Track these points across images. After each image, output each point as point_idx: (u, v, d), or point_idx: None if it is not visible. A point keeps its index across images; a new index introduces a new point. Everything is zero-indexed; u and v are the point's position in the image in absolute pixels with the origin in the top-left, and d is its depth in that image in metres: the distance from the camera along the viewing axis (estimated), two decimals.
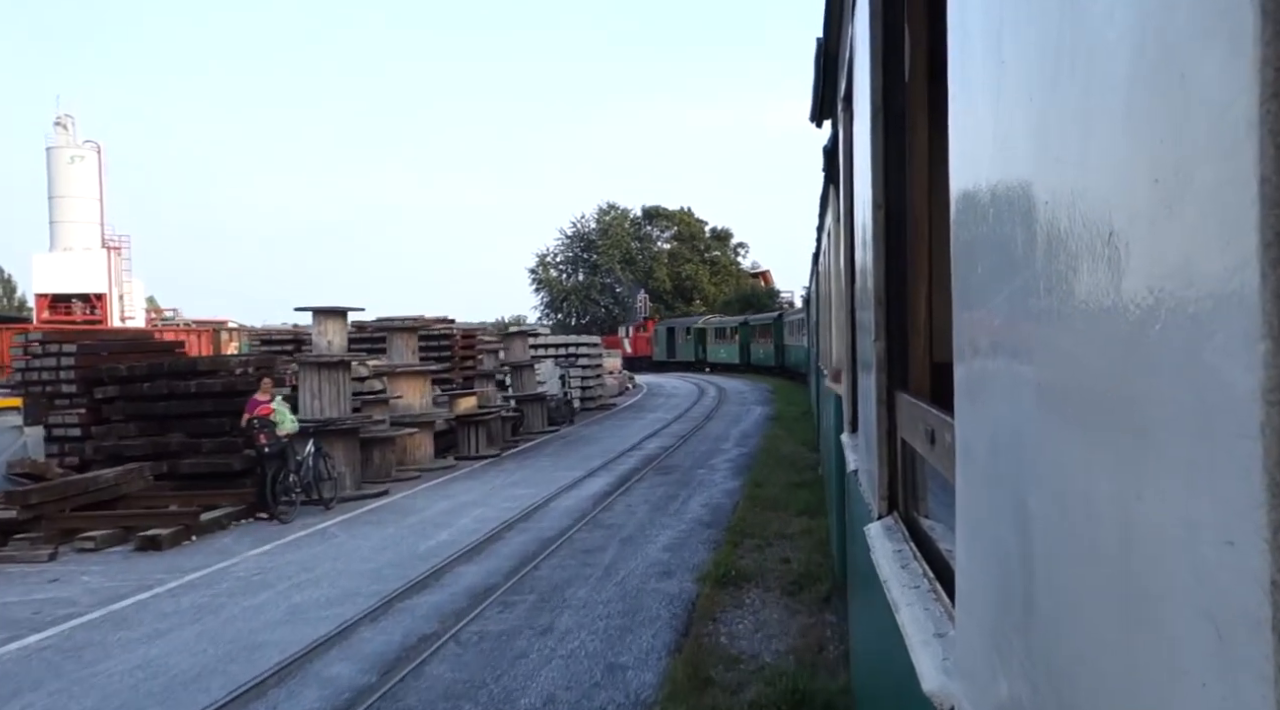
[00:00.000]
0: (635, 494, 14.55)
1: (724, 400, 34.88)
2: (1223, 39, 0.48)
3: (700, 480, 15.86)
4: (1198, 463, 0.52)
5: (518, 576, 9.62)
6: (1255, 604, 0.45)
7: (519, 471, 17.66)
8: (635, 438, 23.00)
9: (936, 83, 1.97)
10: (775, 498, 13.52)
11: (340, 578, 9.79)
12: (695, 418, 27.99)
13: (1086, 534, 0.72)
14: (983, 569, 1.13)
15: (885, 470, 2.57)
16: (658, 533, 11.67)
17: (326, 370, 15.39)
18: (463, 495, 14.93)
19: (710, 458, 18.86)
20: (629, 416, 29.92)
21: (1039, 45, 0.82)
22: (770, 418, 26.95)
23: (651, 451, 20.09)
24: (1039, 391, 0.85)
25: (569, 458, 19.45)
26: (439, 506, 13.90)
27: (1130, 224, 0.61)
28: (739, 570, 9.52)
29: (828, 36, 4.69)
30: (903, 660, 1.74)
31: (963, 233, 1.21)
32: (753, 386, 42.11)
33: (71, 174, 51.43)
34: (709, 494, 14.46)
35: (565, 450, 21.00)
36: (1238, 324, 0.47)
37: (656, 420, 27.76)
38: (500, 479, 16.62)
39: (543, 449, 21.49)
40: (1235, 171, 0.47)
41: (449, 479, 16.87)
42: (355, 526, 12.59)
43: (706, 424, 26.05)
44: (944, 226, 1.33)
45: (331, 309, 16.17)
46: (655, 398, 38.48)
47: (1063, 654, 0.79)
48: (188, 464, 14.19)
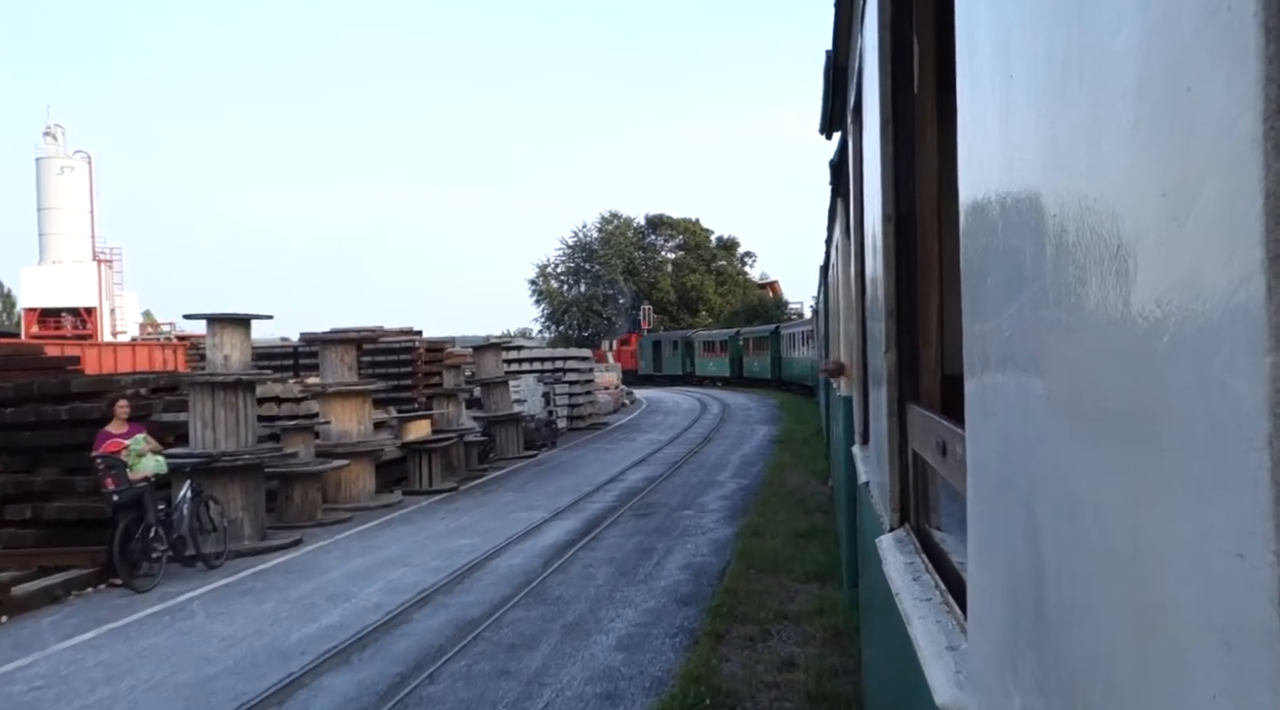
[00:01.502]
0: (601, 547, 11.53)
1: (727, 419, 31.82)
2: (1227, 55, 0.48)
3: (685, 526, 12.68)
4: (1206, 475, 0.52)
5: (398, 698, 6.68)
6: (1265, 616, 0.45)
7: (472, 511, 14.53)
8: (620, 465, 19.87)
9: (946, 94, 1.98)
10: (777, 554, 10.55)
11: (147, 698, 6.84)
12: (692, 440, 24.86)
13: (1097, 546, 0.72)
14: (994, 581, 1.13)
15: (897, 482, 2.57)
16: (616, 614, 8.54)
17: (222, 393, 12.19)
18: (389, 547, 11.93)
19: (702, 492, 15.70)
20: (619, 438, 26.59)
21: (1047, 58, 0.82)
22: (776, 439, 23.92)
23: (634, 484, 16.91)
24: (1049, 403, 0.85)
25: (537, 492, 16.27)
26: (352, 565, 10.91)
27: (1138, 237, 0.61)
28: (720, 689, 6.56)
29: (836, 49, 4.71)
30: (915, 673, 1.73)
31: (972, 244, 1.22)
32: (759, 403, 39.04)
33: (61, 185, 51.09)
34: (693, 547, 11.36)
35: (536, 482, 17.79)
36: (1244, 337, 0.47)
37: (649, 443, 24.56)
38: (445, 523, 13.53)
39: (510, 480, 18.23)
40: (1241, 186, 0.47)
41: (384, 522, 13.80)
42: (228, 598, 9.60)
43: (704, 448, 22.91)
44: (954, 238, 1.33)
45: (229, 316, 12.94)
46: (653, 415, 35.30)
47: (1075, 666, 0.79)
48: (54, 508, 11.20)
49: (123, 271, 53.65)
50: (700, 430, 27.70)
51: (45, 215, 51.39)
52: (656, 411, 36.91)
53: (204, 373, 12.81)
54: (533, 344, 35.79)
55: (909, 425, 2.45)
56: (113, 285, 51.98)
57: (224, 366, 12.47)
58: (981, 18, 1.14)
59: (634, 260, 77.04)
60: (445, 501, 15.73)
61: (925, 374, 2.44)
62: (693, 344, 58.86)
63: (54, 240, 51.17)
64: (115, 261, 53.00)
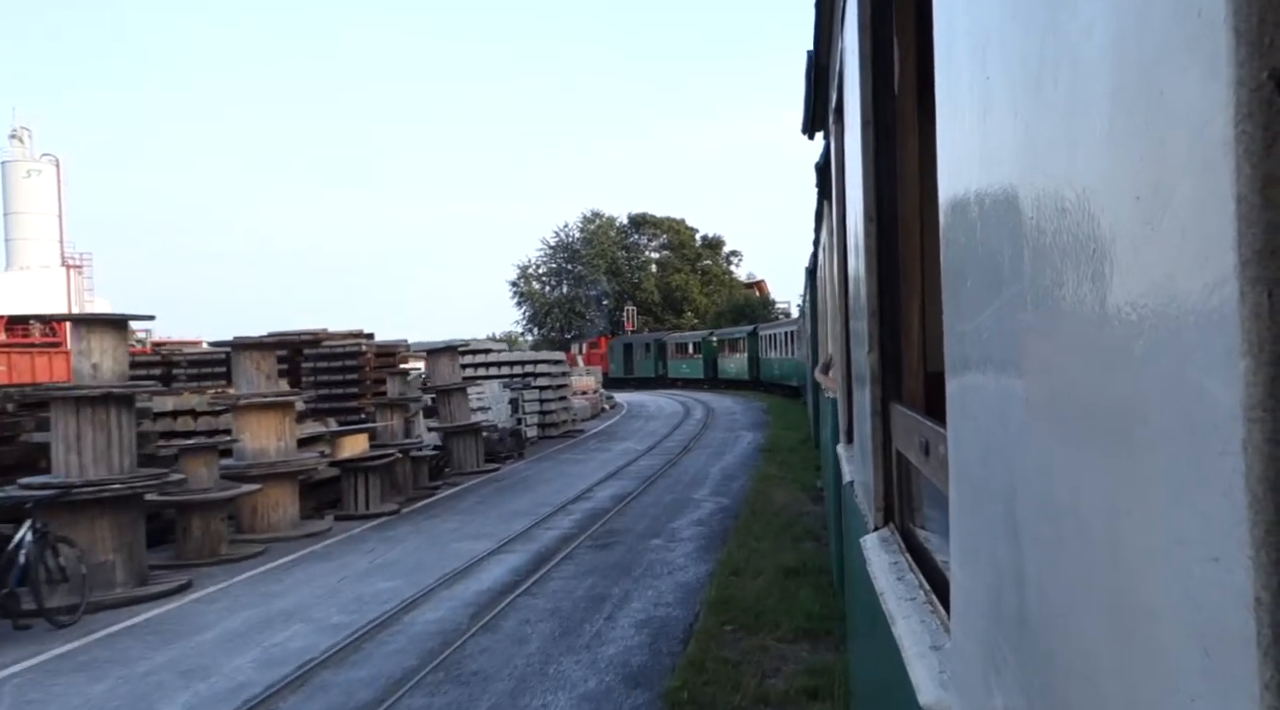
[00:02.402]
0: (547, 591, 9.45)
1: (710, 425, 29.77)
2: (1199, 59, 0.48)
3: (651, 563, 10.50)
4: (1183, 478, 0.52)
5: None
6: (1240, 620, 0.45)
7: (407, 541, 12.51)
8: (589, 480, 17.76)
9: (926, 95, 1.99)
10: (759, 602, 8.56)
11: None
12: (671, 449, 22.83)
13: (1077, 548, 0.72)
14: (976, 581, 1.14)
15: (881, 481, 2.58)
16: (543, 704, 6.49)
17: (90, 409, 9.89)
18: (291, 593, 9.72)
19: (675, 515, 13.58)
20: (594, 447, 24.59)
21: (1022, 61, 0.82)
22: (762, 448, 22.00)
23: (601, 503, 14.89)
24: (1028, 404, 0.86)
25: (488, 515, 14.21)
26: (235, 620, 8.78)
27: (1113, 240, 0.61)
28: None
29: (818, 50, 4.72)
30: (900, 672, 1.73)
31: (951, 245, 1.22)
32: (745, 407, 36.89)
33: (28, 189, 49.92)
34: (656, 594, 9.18)
35: (490, 502, 15.65)
36: (1219, 341, 0.47)
37: (624, 453, 22.50)
38: (370, 557, 11.44)
39: (462, 500, 16.06)
40: (1213, 190, 0.47)
41: (299, 558, 11.66)
42: (56, 675, 7.47)
43: (683, 458, 20.91)
44: (935, 238, 1.34)
45: (98, 317, 10.99)
46: (633, 421, 33.07)
47: (1056, 668, 0.79)
48: None
49: (93, 277, 52.51)
50: (680, 438, 25.63)
51: (11, 220, 50.32)
52: (637, 417, 34.82)
53: (64, 385, 10.45)
54: (500, 347, 32.82)
55: (892, 425, 2.46)
56: (83, 292, 50.64)
57: (92, 377, 10.08)
58: (960, 20, 1.14)
59: (617, 260, 75.78)
60: (380, 528, 13.60)
61: (908, 374, 2.45)
62: (665, 346, 58.41)
63: (21, 245, 50.12)
64: (85, 267, 51.72)
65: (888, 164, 2.52)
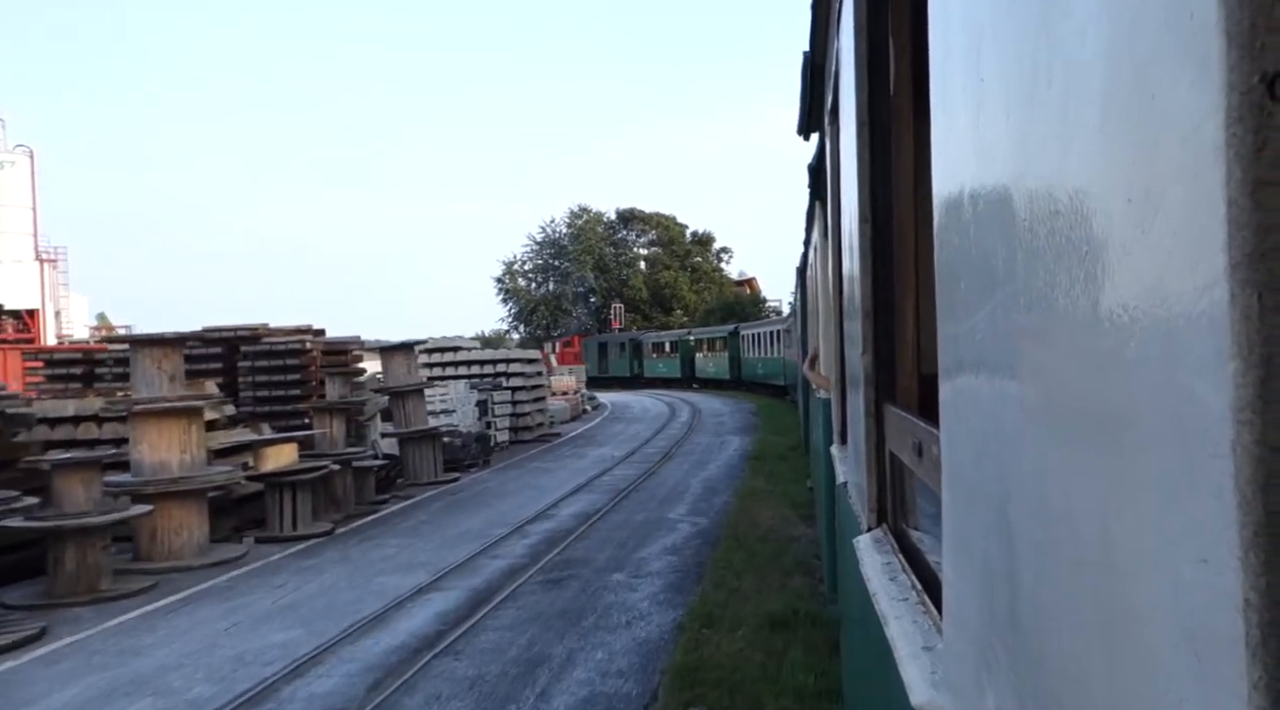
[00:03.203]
0: (473, 649, 7.65)
1: (696, 428, 27.85)
2: (1190, 62, 0.48)
3: (607, 607, 8.73)
4: (1173, 480, 0.52)
5: None
6: (1229, 622, 0.45)
7: (326, 572, 10.51)
8: (555, 493, 15.91)
9: (921, 97, 1.99)
10: (737, 667, 6.86)
11: None
12: (650, 457, 20.98)
13: (1068, 549, 0.72)
14: (968, 582, 1.14)
15: (874, 482, 2.58)
16: None
17: None
18: (156, 649, 7.92)
19: (645, 541, 11.61)
20: (568, 453, 22.73)
21: (1016, 63, 0.83)
22: (749, 455, 20.34)
23: (562, 524, 13.12)
24: (1021, 406, 0.86)
25: (432, 538, 12.39)
26: (66, 693, 6.95)
27: (1105, 242, 0.62)
28: None
29: (814, 51, 4.73)
30: (892, 673, 1.74)
31: (945, 247, 1.22)
32: (735, 408, 34.99)
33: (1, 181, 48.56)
34: (606, 656, 7.35)
35: (439, 520, 13.83)
36: (1209, 343, 0.47)
37: (599, 460, 20.70)
38: (274, 596, 9.55)
39: (408, 518, 14.26)
40: (1204, 192, 0.47)
41: (191, 595, 9.78)
42: None
43: (663, 467, 19.12)
44: (930, 240, 1.34)
45: None
46: (615, 423, 31.04)
47: (1047, 668, 0.79)
48: None
49: (68, 272, 51.23)
50: (662, 443, 23.72)
51: None
52: (619, 419, 32.82)
53: None
54: (472, 344, 30.02)
55: (886, 426, 2.46)
56: (58, 286, 49.65)
57: None
58: (954, 22, 1.14)
59: (604, 256, 74.33)
60: (303, 555, 11.63)
61: (902, 375, 2.45)
62: (641, 345, 58.03)
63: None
64: (60, 262, 50.63)
65: (883, 165, 2.52)
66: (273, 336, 16.70)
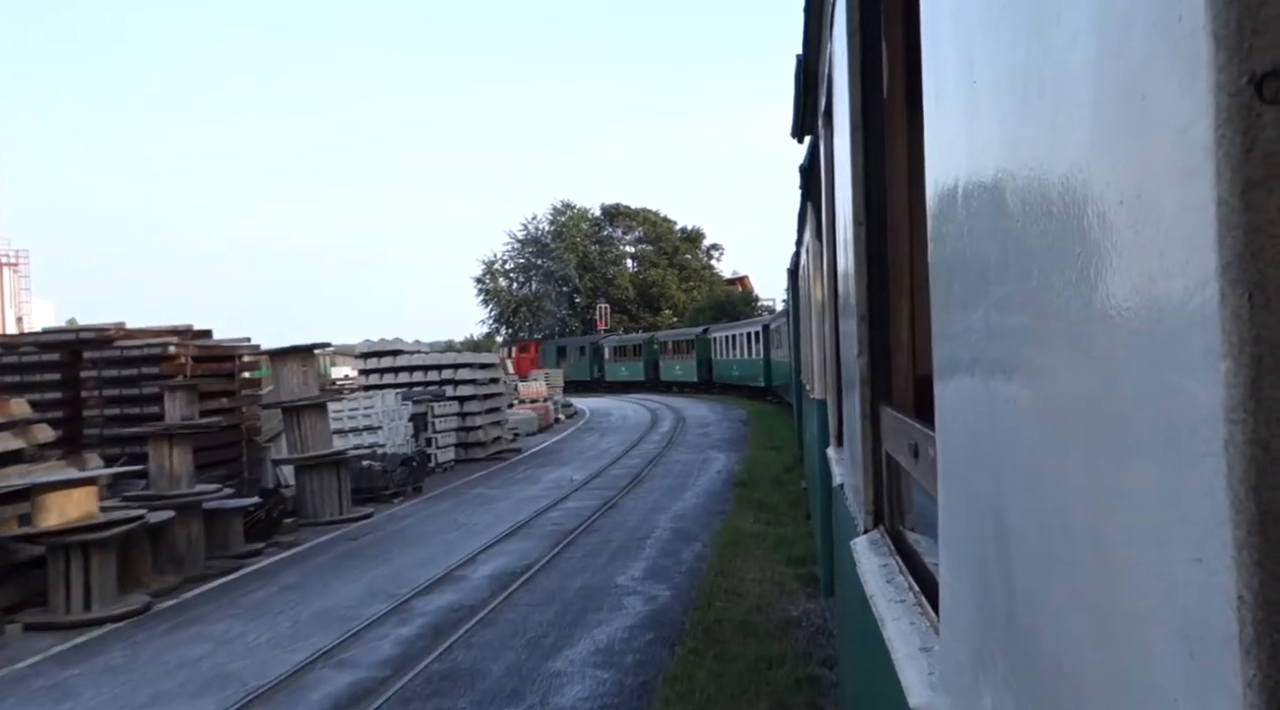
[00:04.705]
0: None
1: (677, 442, 24.35)
2: (1180, 64, 0.49)
3: None
4: (1166, 479, 0.52)
5: None
6: (1223, 620, 0.45)
7: (78, 699, 6.97)
8: (481, 538, 12.30)
9: (914, 99, 2.00)
10: None
11: None
12: (617, 479, 17.85)
13: (1063, 549, 0.73)
14: (965, 583, 1.14)
15: (871, 484, 2.58)
16: None
17: None
18: None
19: (572, 635, 7.96)
20: (521, 475, 19.30)
21: (1008, 65, 0.83)
22: (736, 479, 16.87)
23: (468, 596, 9.43)
24: (1015, 407, 0.86)
25: (275, 623, 8.78)
26: None
27: (1097, 243, 0.62)
28: None
29: (807, 53, 4.73)
30: (890, 674, 1.74)
31: (939, 249, 1.22)
32: (722, 416, 31.87)
33: None
34: None
35: (307, 588, 10.17)
36: (1200, 342, 0.47)
37: (555, 485, 17.46)
38: None
39: (270, 581, 10.58)
40: (1194, 193, 0.47)
41: None
42: None
43: (628, 496, 15.70)
44: (924, 242, 1.34)
45: None
46: (588, 434, 27.85)
47: (1043, 669, 0.79)
48: None
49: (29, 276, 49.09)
50: (635, 462, 20.40)
51: None
52: (594, 429, 29.38)
53: None
54: (420, 349, 25.86)
55: (882, 427, 2.46)
56: (19, 291, 47.61)
57: None
58: (946, 25, 1.15)
59: (589, 254, 71.43)
60: (76, 654, 8.09)
61: (898, 376, 2.46)
62: (601, 349, 57.45)
63: None
64: (21, 265, 48.66)
65: (877, 167, 2.53)
66: (130, 340, 13.35)
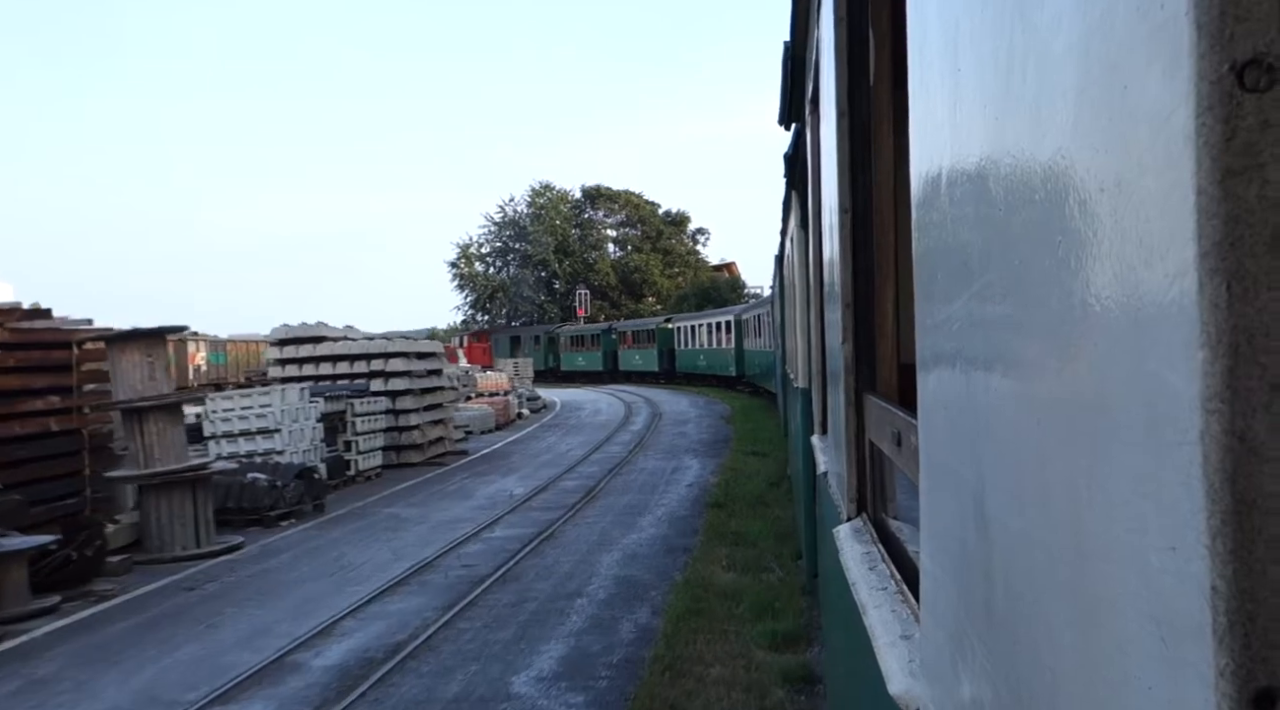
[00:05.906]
0: None
1: (649, 443, 21.48)
2: (1161, 53, 0.48)
3: None
4: (1143, 469, 0.53)
5: None
6: (1196, 608, 0.46)
7: None
8: (362, 589, 9.36)
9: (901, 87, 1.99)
10: None
11: None
12: (566, 494, 14.90)
13: (1042, 537, 0.73)
14: (945, 571, 1.14)
15: (854, 472, 2.59)
16: None
17: None
18: None
19: None
20: (454, 487, 16.40)
21: (993, 54, 0.83)
22: (710, 499, 13.65)
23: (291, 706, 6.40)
24: (996, 395, 0.86)
25: None
26: None
27: (1078, 231, 0.62)
28: None
29: (794, 41, 4.72)
30: (871, 662, 1.75)
31: (923, 237, 1.22)
32: (703, 411, 29.26)
33: None
34: None
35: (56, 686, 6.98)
36: (1178, 332, 0.47)
37: (490, 502, 14.47)
38: None
39: (15, 674, 7.28)
40: (1174, 182, 0.47)
41: None
42: None
43: (573, 521, 12.69)
44: (909, 230, 1.34)
45: None
46: (550, 433, 25.09)
47: (1021, 656, 0.80)
48: None
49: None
50: (594, 468, 17.81)
51: None
52: (558, 427, 26.72)
53: None
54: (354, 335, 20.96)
55: (866, 415, 2.47)
56: None
57: None
58: (931, 12, 1.15)
59: (568, 237, 68.82)
60: None
61: (882, 365, 2.46)
62: (557, 339, 57.13)
63: None
64: None
65: (863, 155, 2.53)
66: None
